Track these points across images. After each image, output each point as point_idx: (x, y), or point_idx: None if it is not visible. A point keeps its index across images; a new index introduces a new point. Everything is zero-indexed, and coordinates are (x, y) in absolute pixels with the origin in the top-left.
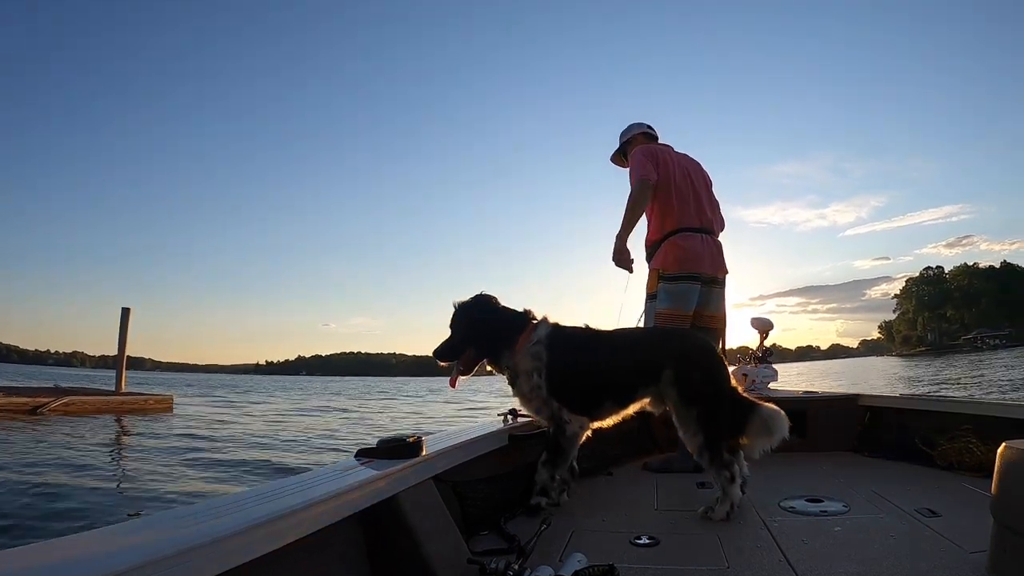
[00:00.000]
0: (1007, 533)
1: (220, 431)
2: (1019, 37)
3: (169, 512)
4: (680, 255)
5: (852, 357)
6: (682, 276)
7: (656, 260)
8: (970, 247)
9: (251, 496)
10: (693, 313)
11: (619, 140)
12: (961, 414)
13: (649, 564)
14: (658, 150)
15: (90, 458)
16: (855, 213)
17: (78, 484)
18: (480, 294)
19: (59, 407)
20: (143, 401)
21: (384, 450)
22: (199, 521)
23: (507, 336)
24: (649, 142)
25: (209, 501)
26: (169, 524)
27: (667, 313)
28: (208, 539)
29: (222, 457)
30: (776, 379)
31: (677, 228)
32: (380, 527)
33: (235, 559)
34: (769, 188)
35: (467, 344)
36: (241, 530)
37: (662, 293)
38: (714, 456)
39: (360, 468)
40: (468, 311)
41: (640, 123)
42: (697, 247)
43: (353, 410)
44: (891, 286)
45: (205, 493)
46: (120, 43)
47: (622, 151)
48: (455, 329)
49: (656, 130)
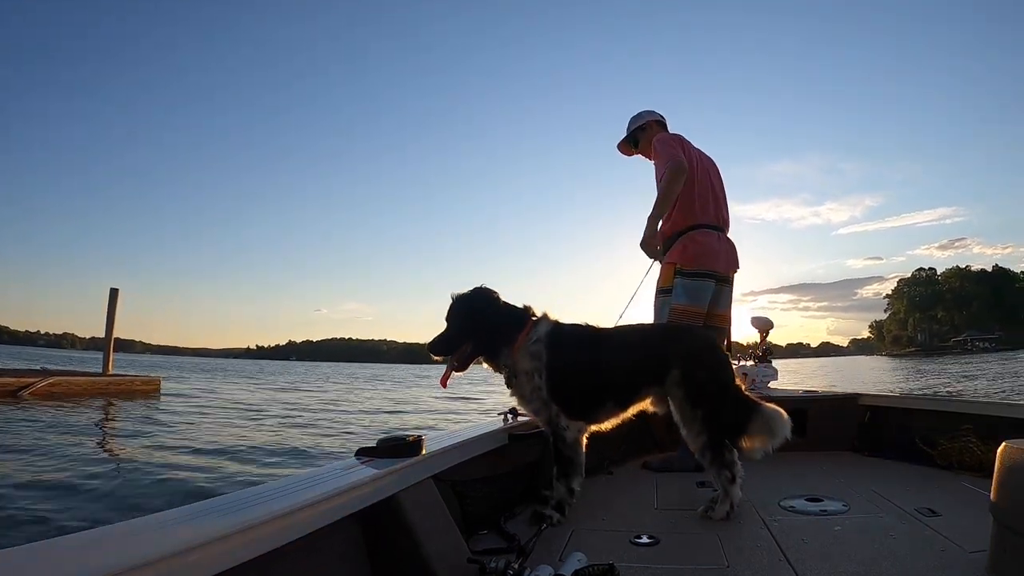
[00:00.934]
0: (1007, 533)
1: (205, 414)
2: (1017, 39)
3: (169, 512)
4: (699, 251)
5: (842, 355)
6: (700, 273)
7: (673, 254)
8: (963, 249)
9: (251, 495)
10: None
11: (628, 126)
12: (961, 414)
13: (649, 564)
14: (683, 140)
15: (68, 443)
16: (849, 212)
17: (48, 477)
18: (480, 287)
19: (43, 388)
20: (129, 383)
21: (384, 449)
22: (199, 520)
23: (506, 333)
24: (662, 131)
25: (209, 500)
26: (169, 523)
27: (683, 309)
28: (208, 538)
29: (206, 441)
30: (776, 378)
31: (696, 224)
32: (380, 526)
33: (235, 558)
34: (764, 186)
35: (464, 338)
36: (241, 529)
37: (679, 288)
38: (716, 456)
39: (360, 467)
40: (466, 304)
41: (652, 111)
42: (714, 244)
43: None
44: (883, 286)
45: (185, 480)
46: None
47: (632, 139)
48: (452, 322)
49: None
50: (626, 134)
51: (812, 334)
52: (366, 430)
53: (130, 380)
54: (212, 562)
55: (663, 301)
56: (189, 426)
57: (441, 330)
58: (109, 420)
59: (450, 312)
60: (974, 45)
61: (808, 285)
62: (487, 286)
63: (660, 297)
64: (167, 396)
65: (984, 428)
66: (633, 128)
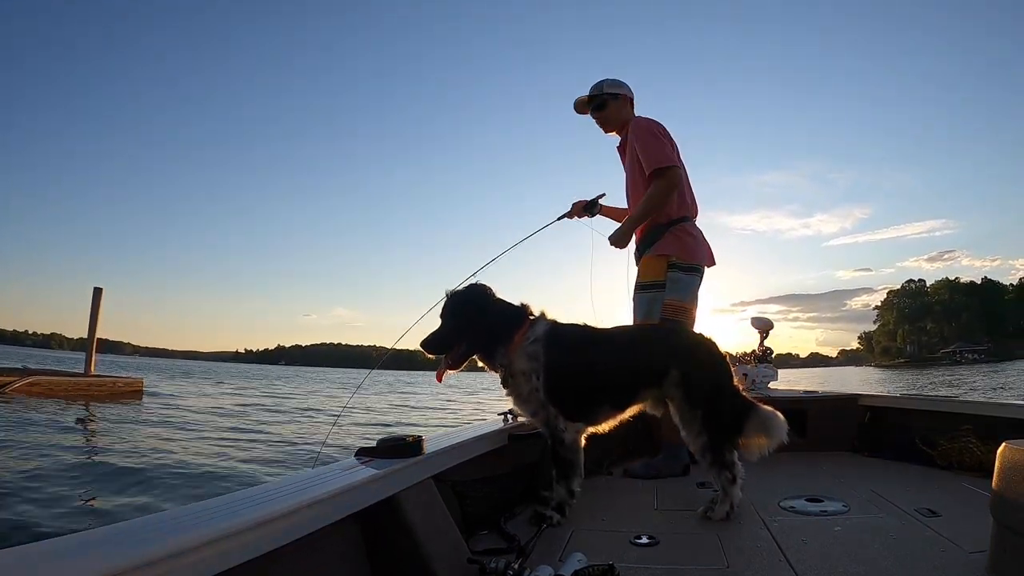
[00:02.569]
0: (1007, 533)
1: (188, 418)
2: (1008, 50)
3: (168, 512)
4: (693, 244)
5: (831, 366)
6: (694, 267)
7: (665, 246)
8: (951, 262)
9: (251, 495)
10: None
11: (599, 88)
12: (961, 414)
13: (649, 564)
14: (667, 130)
15: (39, 442)
16: (839, 224)
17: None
18: (476, 283)
19: (22, 388)
20: (111, 384)
21: (384, 449)
22: (198, 521)
23: (503, 331)
24: (634, 113)
25: (209, 500)
26: (168, 524)
27: (677, 304)
28: (207, 538)
29: (185, 446)
30: (776, 379)
31: (685, 216)
32: (380, 526)
33: (235, 558)
34: (754, 196)
35: (459, 337)
36: (241, 529)
37: (675, 282)
38: (716, 457)
39: (360, 467)
40: (462, 301)
41: (626, 83)
42: (700, 238)
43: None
44: (872, 297)
45: (155, 482)
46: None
47: (599, 102)
48: (446, 319)
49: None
50: (597, 92)
51: (801, 345)
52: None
53: (112, 381)
54: (212, 562)
55: (653, 296)
56: (167, 429)
57: (436, 328)
58: (82, 421)
59: (444, 309)
60: (964, 57)
61: (797, 296)
62: (483, 283)
63: (645, 292)
64: (148, 400)
65: (984, 428)
66: (606, 92)
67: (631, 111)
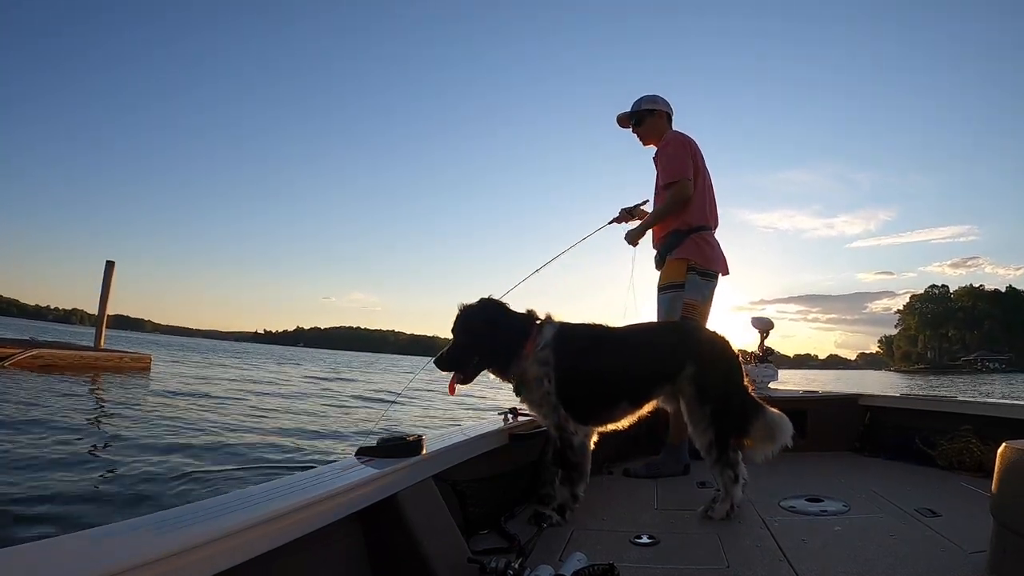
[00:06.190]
0: (1007, 533)
1: (194, 396)
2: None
3: (169, 511)
4: (712, 253)
5: (850, 369)
6: (711, 272)
7: (685, 251)
8: (975, 268)
9: (251, 494)
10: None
11: (638, 105)
12: (961, 414)
13: (649, 563)
14: (692, 142)
15: (30, 416)
16: (863, 225)
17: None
18: (487, 299)
19: (25, 360)
20: (118, 359)
21: (384, 449)
22: (199, 519)
23: (516, 345)
24: (670, 127)
25: (209, 499)
26: (169, 522)
27: (695, 304)
28: (208, 537)
29: (188, 423)
30: (776, 379)
31: (706, 224)
32: (380, 526)
33: (235, 557)
34: (776, 195)
35: (472, 353)
36: (241, 528)
37: (694, 285)
38: (721, 454)
39: (360, 467)
40: (474, 318)
41: (665, 99)
42: (717, 247)
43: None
44: (893, 301)
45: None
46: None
47: (637, 118)
48: (458, 337)
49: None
50: (636, 109)
51: (820, 346)
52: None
53: (119, 356)
54: (213, 562)
55: (674, 296)
56: (170, 408)
57: (448, 345)
58: (80, 396)
59: (456, 326)
60: (991, 59)
61: (818, 296)
62: (494, 297)
63: (666, 292)
64: (156, 376)
65: (984, 428)
66: (643, 108)
67: (666, 125)
